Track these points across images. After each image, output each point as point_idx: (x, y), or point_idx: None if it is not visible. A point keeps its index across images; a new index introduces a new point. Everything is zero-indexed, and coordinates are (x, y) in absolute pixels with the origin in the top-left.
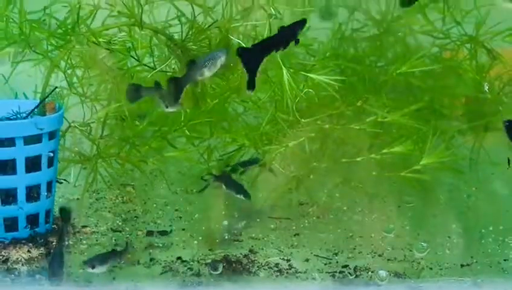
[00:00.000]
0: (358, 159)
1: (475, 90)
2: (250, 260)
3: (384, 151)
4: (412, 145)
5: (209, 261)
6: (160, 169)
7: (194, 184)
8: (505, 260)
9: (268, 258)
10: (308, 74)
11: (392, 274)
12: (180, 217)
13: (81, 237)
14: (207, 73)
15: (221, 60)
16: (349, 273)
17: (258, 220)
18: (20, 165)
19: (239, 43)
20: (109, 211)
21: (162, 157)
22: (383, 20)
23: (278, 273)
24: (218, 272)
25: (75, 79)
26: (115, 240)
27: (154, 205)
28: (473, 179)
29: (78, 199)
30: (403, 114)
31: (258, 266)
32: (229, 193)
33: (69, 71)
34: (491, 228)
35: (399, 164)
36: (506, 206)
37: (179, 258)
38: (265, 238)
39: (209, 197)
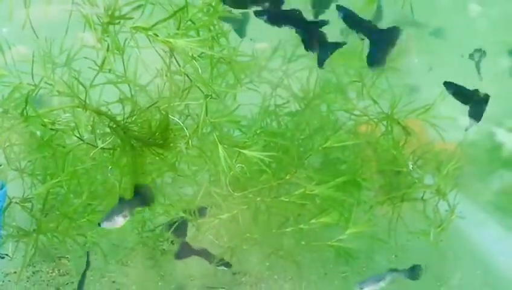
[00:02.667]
0: (287, 229)
1: (391, 164)
2: None
3: (313, 221)
4: (338, 215)
5: None
6: (95, 241)
7: (127, 255)
8: None
9: None
10: (242, 150)
11: None
12: (118, 289)
13: None
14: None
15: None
16: None
17: (195, 289)
18: None
19: (178, 122)
20: (47, 284)
21: (98, 230)
22: (305, 96)
23: None
24: None
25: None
26: None
27: (91, 277)
28: (392, 247)
29: (15, 272)
30: (329, 187)
31: None
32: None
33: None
34: None
35: (322, 234)
36: (423, 272)
37: None
38: None
39: (144, 268)
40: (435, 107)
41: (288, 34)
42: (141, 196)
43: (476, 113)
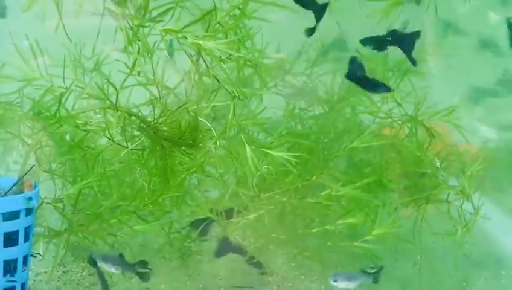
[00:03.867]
0: (313, 230)
1: (416, 165)
2: None
3: (339, 222)
4: (364, 216)
5: None
6: (127, 242)
7: (155, 256)
8: None
9: None
10: (268, 151)
11: None
12: (147, 288)
13: None
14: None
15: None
16: None
17: (222, 289)
18: None
19: (206, 123)
20: (78, 283)
21: (128, 231)
22: (329, 100)
23: None
24: None
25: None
26: None
27: (121, 276)
28: (417, 248)
29: (46, 272)
30: (355, 188)
31: None
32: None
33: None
34: None
35: (349, 235)
36: (448, 273)
37: None
38: None
39: (171, 268)
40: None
41: (311, 39)
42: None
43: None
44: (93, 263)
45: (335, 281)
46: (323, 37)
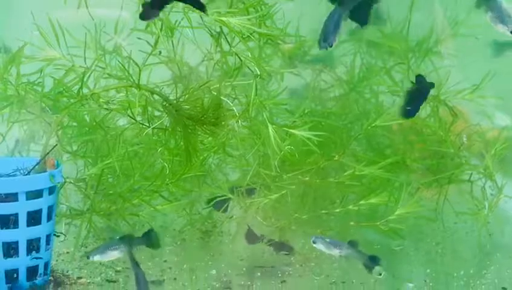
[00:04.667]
0: (336, 210)
1: (438, 145)
2: None
3: (362, 202)
4: (387, 196)
5: None
6: (148, 222)
7: (177, 236)
8: None
9: None
10: (291, 130)
11: None
12: (170, 268)
13: (78, 288)
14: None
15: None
16: None
17: (244, 269)
18: (22, 219)
19: (228, 102)
20: (100, 263)
21: (150, 211)
22: (350, 80)
23: None
24: None
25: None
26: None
27: (142, 256)
28: (440, 228)
29: (67, 252)
30: (378, 168)
31: None
32: None
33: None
34: (462, 272)
35: (370, 215)
36: (471, 252)
37: None
38: (253, 285)
39: (193, 248)
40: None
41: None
42: (147, 238)
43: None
44: (126, 242)
45: (314, 242)
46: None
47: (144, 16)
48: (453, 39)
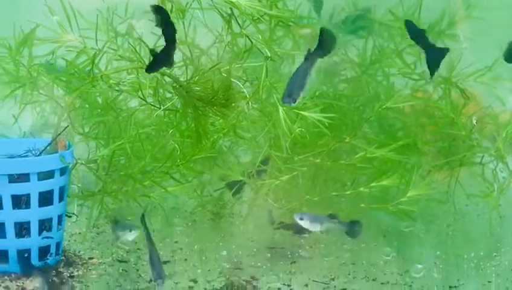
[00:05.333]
0: (347, 192)
1: (450, 127)
2: (253, 286)
3: (373, 184)
4: (398, 178)
5: (215, 286)
6: (160, 204)
7: (188, 218)
8: (489, 282)
9: (270, 283)
10: (302, 112)
11: None
12: (181, 249)
13: (90, 268)
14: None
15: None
16: None
17: (254, 250)
18: (34, 200)
19: (237, 83)
20: (112, 244)
21: (161, 192)
22: (362, 63)
23: None
24: None
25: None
26: (122, 269)
27: (153, 238)
28: (451, 210)
29: (80, 233)
30: (389, 150)
31: None
32: None
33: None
34: (472, 254)
35: (381, 197)
36: (482, 235)
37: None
38: (264, 267)
39: (204, 230)
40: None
41: (342, 3)
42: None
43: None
44: (143, 222)
45: (301, 219)
46: (356, 1)
47: (149, 69)
48: (467, 21)
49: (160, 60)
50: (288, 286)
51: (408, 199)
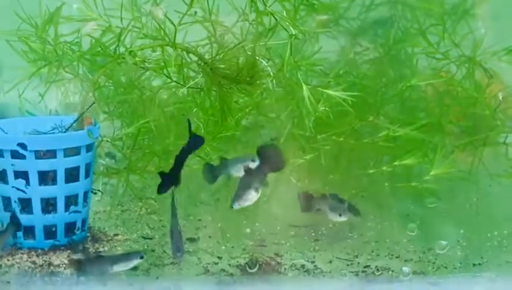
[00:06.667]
0: (370, 171)
1: (473, 107)
2: (277, 262)
3: (396, 163)
4: (422, 157)
5: (239, 263)
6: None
7: (211, 197)
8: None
9: (294, 260)
10: (326, 90)
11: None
12: (205, 226)
13: (115, 244)
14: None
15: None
16: (373, 272)
17: (278, 228)
18: (60, 176)
19: (262, 61)
20: (136, 221)
21: (185, 171)
22: (385, 43)
23: (306, 273)
24: (254, 270)
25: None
26: (147, 246)
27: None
28: (473, 190)
29: (104, 211)
30: (413, 128)
31: (285, 268)
32: None
33: None
34: (495, 233)
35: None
36: (505, 214)
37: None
38: (287, 244)
39: (227, 209)
40: None
41: None
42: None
43: None
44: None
45: (340, 215)
46: None
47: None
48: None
49: (169, 180)
50: (312, 262)
51: (431, 178)
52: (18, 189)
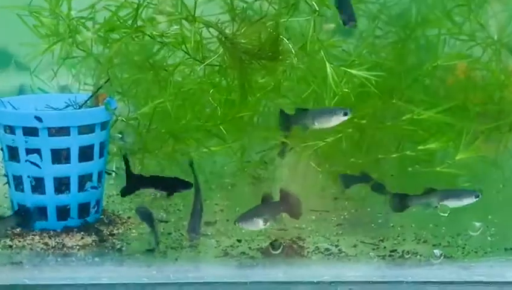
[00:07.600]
0: (393, 155)
1: (500, 90)
2: (299, 246)
3: (420, 147)
4: (447, 141)
5: (259, 246)
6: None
7: (226, 182)
8: None
9: (317, 244)
10: (349, 70)
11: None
12: (222, 210)
13: (130, 227)
14: (317, 125)
15: (338, 118)
16: (400, 256)
17: None
18: (74, 154)
19: (283, 38)
20: (150, 205)
21: (202, 152)
22: (406, 26)
23: (330, 256)
24: (278, 252)
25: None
26: (162, 229)
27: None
28: (499, 177)
29: (117, 194)
30: (438, 111)
31: (308, 251)
32: None
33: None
34: None
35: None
36: None
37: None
38: (309, 228)
39: (244, 193)
40: None
41: None
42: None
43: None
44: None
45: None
46: None
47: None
48: None
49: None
50: (336, 246)
51: (456, 162)
52: (32, 163)
